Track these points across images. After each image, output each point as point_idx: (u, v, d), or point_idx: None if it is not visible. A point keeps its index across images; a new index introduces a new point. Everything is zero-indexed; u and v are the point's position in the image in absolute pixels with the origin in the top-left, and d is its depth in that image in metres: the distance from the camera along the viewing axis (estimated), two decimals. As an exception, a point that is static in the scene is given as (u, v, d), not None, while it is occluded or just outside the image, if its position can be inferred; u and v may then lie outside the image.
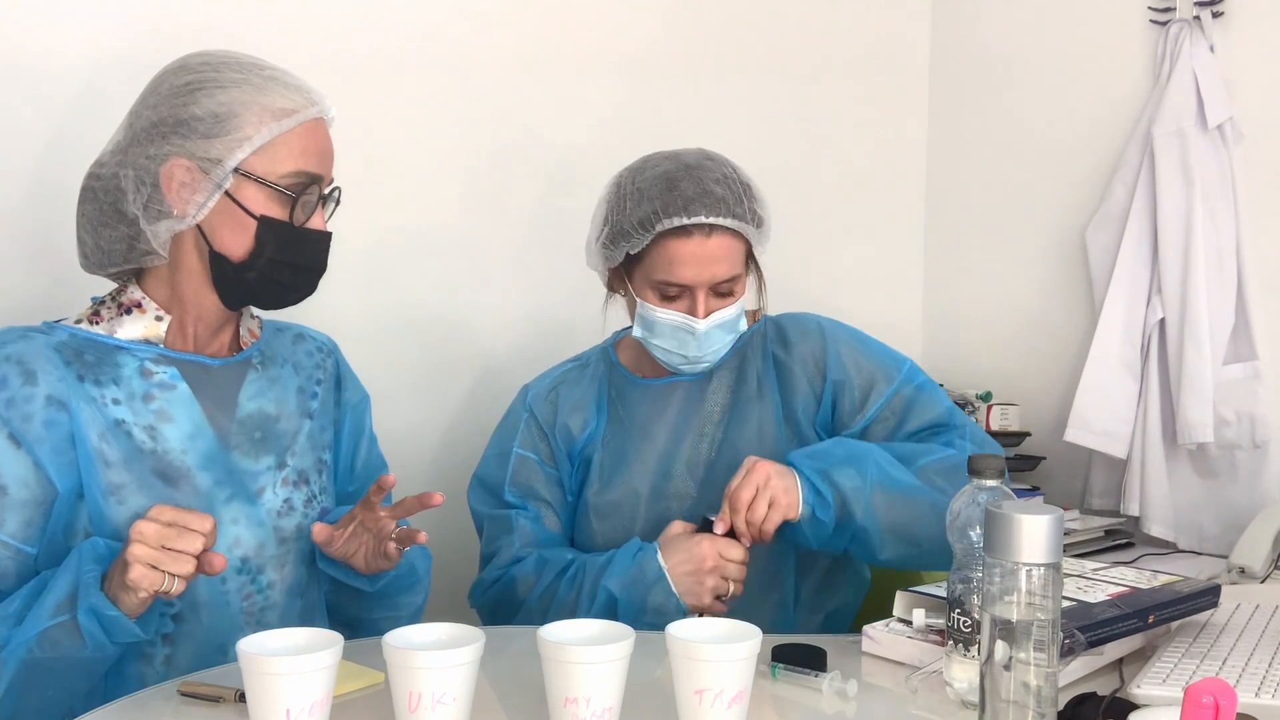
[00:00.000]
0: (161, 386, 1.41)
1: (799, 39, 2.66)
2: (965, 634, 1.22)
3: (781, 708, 1.26)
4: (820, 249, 2.64)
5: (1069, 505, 2.50)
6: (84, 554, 1.27)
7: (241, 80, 1.36)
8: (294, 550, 1.48)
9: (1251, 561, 2.06)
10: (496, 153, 2.23)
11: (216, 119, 1.35)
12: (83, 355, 1.39)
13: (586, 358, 1.84)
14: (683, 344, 1.66)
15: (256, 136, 1.35)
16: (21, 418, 1.32)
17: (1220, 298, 2.34)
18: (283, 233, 1.38)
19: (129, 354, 1.41)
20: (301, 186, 1.38)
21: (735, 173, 1.67)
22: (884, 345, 1.78)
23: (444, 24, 2.16)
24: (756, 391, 1.74)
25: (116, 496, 1.35)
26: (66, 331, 1.41)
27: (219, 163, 1.35)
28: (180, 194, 1.36)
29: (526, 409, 1.78)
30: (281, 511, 1.47)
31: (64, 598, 1.24)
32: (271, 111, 1.36)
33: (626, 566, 1.57)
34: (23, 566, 1.32)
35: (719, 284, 1.64)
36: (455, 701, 1.08)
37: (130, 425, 1.38)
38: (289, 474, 1.49)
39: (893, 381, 1.72)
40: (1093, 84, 2.59)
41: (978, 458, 1.24)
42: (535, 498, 1.73)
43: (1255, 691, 1.21)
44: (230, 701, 1.21)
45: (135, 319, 1.43)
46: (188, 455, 1.41)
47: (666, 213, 1.61)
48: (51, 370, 1.36)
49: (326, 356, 1.61)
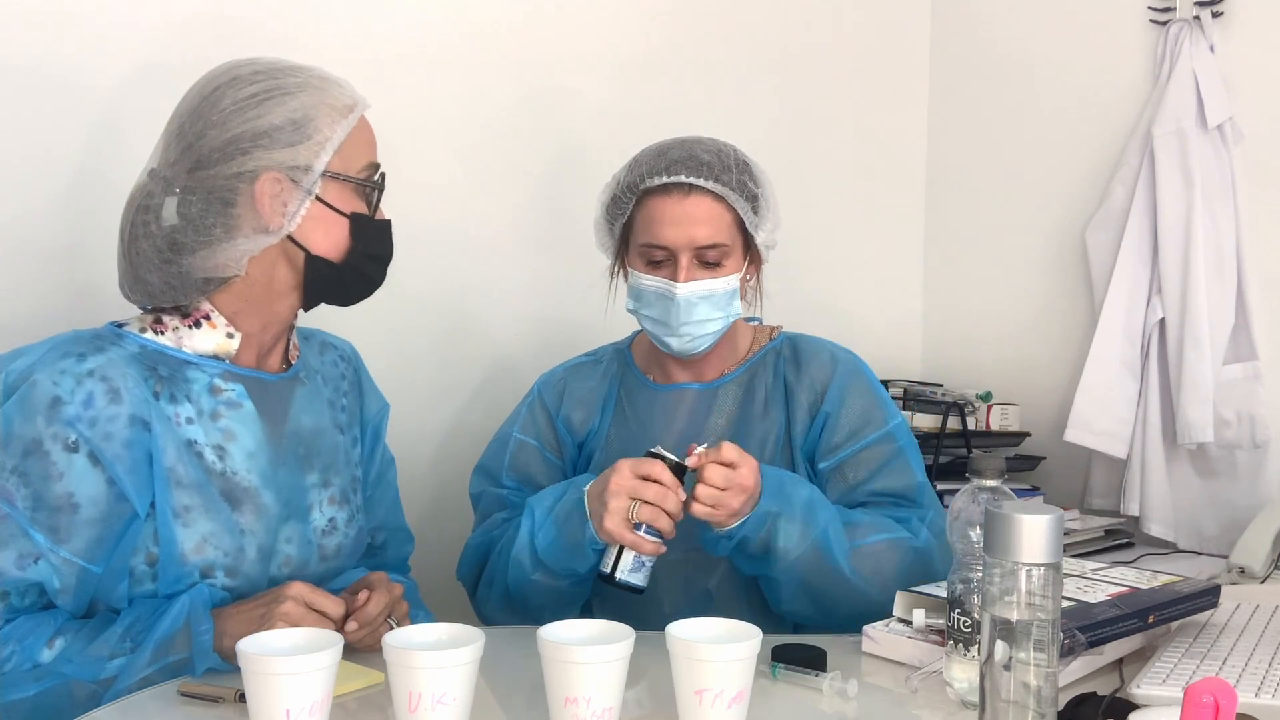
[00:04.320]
0: (229, 404, 1.39)
1: (799, 39, 2.66)
2: (965, 634, 1.22)
3: (781, 708, 1.26)
4: (820, 249, 2.64)
5: (1069, 505, 2.50)
6: (196, 605, 1.30)
7: (303, 84, 1.36)
8: (333, 569, 1.48)
9: (1251, 561, 2.06)
10: (501, 150, 2.23)
11: (296, 126, 1.34)
12: (156, 370, 1.36)
13: (601, 354, 1.84)
14: (665, 311, 1.64)
15: (335, 137, 1.36)
16: (103, 436, 1.29)
17: (1220, 298, 2.34)
18: (368, 226, 1.41)
19: (199, 369, 1.38)
20: (373, 179, 1.42)
21: (735, 151, 1.67)
22: (888, 397, 1.74)
23: (447, 22, 2.16)
24: (763, 409, 1.72)
25: (184, 519, 1.33)
26: (137, 342, 1.36)
27: (308, 170, 1.34)
28: (273, 206, 1.34)
29: (535, 394, 1.79)
30: (326, 530, 1.47)
31: (167, 657, 1.27)
32: (338, 109, 1.37)
33: (558, 491, 1.56)
34: (84, 583, 1.31)
35: (701, 250, 1.62)
36: (455, 701, 1.08)
37: (201, 446, 1.36)
38: (334, 493, 1.48)
39: (877, 430, 1.68)
40: (1093, 84, 2.59)
41: (979, 458, 1.24)
42: (532, 484, 1.72)
43: (1255, 691, 1.21)
44: (230, 701, 1.21)
45: (206, 333, 1.39)
46: (251, 475, 1.39)
47: (650, 174, 1.63)
48: (134, 388, 1.32)
49: (349, 366, 1.60)
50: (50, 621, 1.30)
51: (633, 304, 1.69)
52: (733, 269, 1.66)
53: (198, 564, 1.33)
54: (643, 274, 1.66)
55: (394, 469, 1.66)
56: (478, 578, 1.69)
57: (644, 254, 1.65)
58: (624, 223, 1.69)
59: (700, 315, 1.64)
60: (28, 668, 1.26)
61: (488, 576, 1.66)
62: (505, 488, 1.73)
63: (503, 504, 1.72)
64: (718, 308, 1.65)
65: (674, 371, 1.75)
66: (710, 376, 1.74)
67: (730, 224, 1.65)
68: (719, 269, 1.64)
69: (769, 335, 1.79)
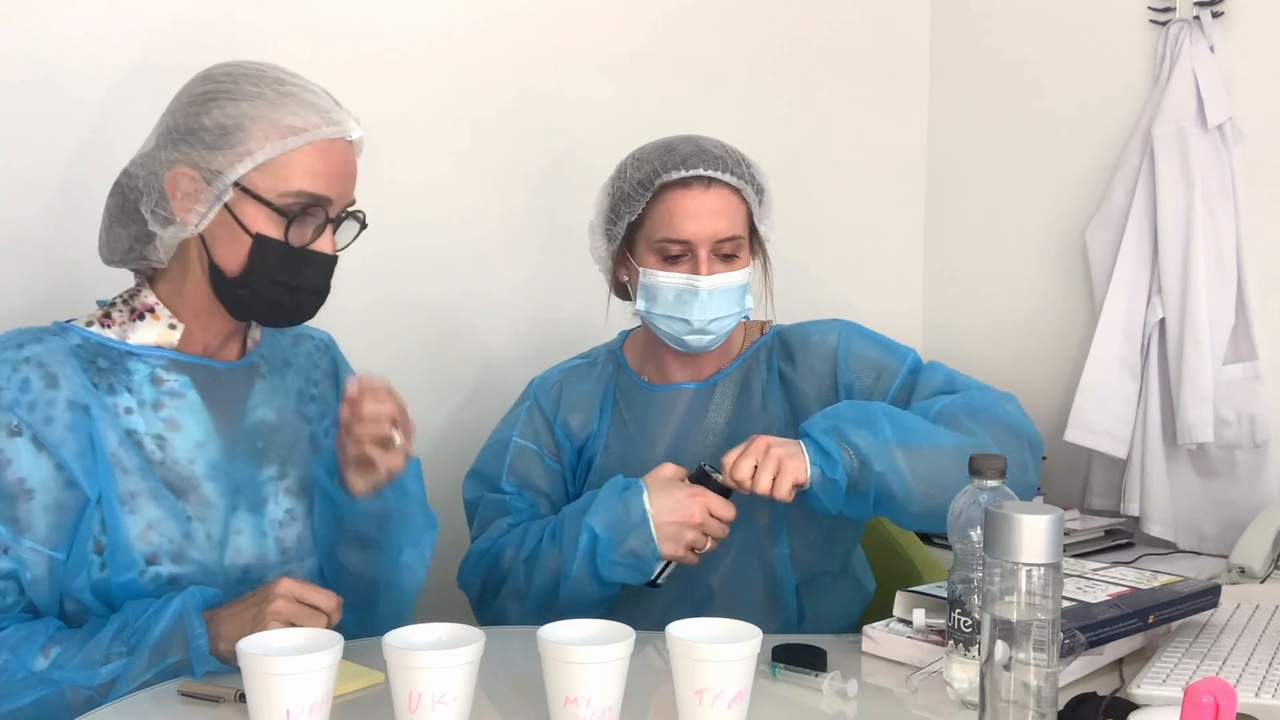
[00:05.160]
0: (172, 394, 1.41)
1: (798, 38, 2.66)
2: (965, 634, 1.22)
3: (781, 708, 1.26)
4: (820, 247, 2.63)
5: (1069, 505, 2.50)
6: (188, 609, 1.30)
7: (256, 94, 1.35)
8: (295, 560, 1.47)
9: (1251, 561, 2.06)
10: (498, 149, 2.23)
11: (223, 131, 1.34)
12: (96, 362, 1.38)
13: (594, 356, 1.82)
14: (686, 307, 1.63)
15: (259, 152, 1.34)
16: (44, 421, 1.32)
17: (1220, 298, 2.34)
18: (279, 252, 1.36)
19: (140, 360, 1.40)
20: (301, 207, 1.36)
21: (735, 148, 1.67)
22: (889, 340, 1.75)
23: (446, 22, 2.16)
24: (760, 405, 1.71)
25: (130, 505, 1.35)
26: (79, 335, 1.40)
27: (220, 175, 1.34)
28: (183, 202, 1.36)
29: (531, 398, 1.77)
30: (284, 522, 1.46)
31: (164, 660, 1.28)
32: (279, 128, 1.34)
33: (612, 505, 1.55)
34: (53, 573, 1.32)
35: (721, 243, 1.62)
36: (455, 701, 1.08)
37: (141, 435, 1.38)
38: (290, 484, 1.48)
39: (897, 375, 1.68)
40: (1093, 84, 2.59)
41: (978, 458, 1.24)
42: (533, 489, 1.72)
43: (1255, 691, 1.21)
44: (230, 701, 1.21)
45: (149, 325, 1.42)
46: (195, 465, 1.40)
47: (665, 168, 1.62)
48: (72, 375, 1.35)
49: (323, 354, 1.60)
50: (42, 629, 1.31)
51: (645, 304, 1.66)
52: (745, 262, 1.66)
53: (143, 551, 1.34)
54: (659, 271, 1.64)
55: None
56: (483, 584, 1.67)
57: (661, 250, 1.63)
58: (632, 222, 1.66)
59: (721, 310, 1.64)
60: (23, 676, 1.27)
61: (512, 589, 1.62)
62: (505, 493, 1.71)
63: (504, 509, 1.70)
64: (735, 302, 1.65)
65: (671, 371, 1.74)
66: (707, 374, 1.74)
67: (744, 217, 1.66)
68: (735, 261, 1.64)
69: (760, 330, 1.78)
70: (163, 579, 1.35)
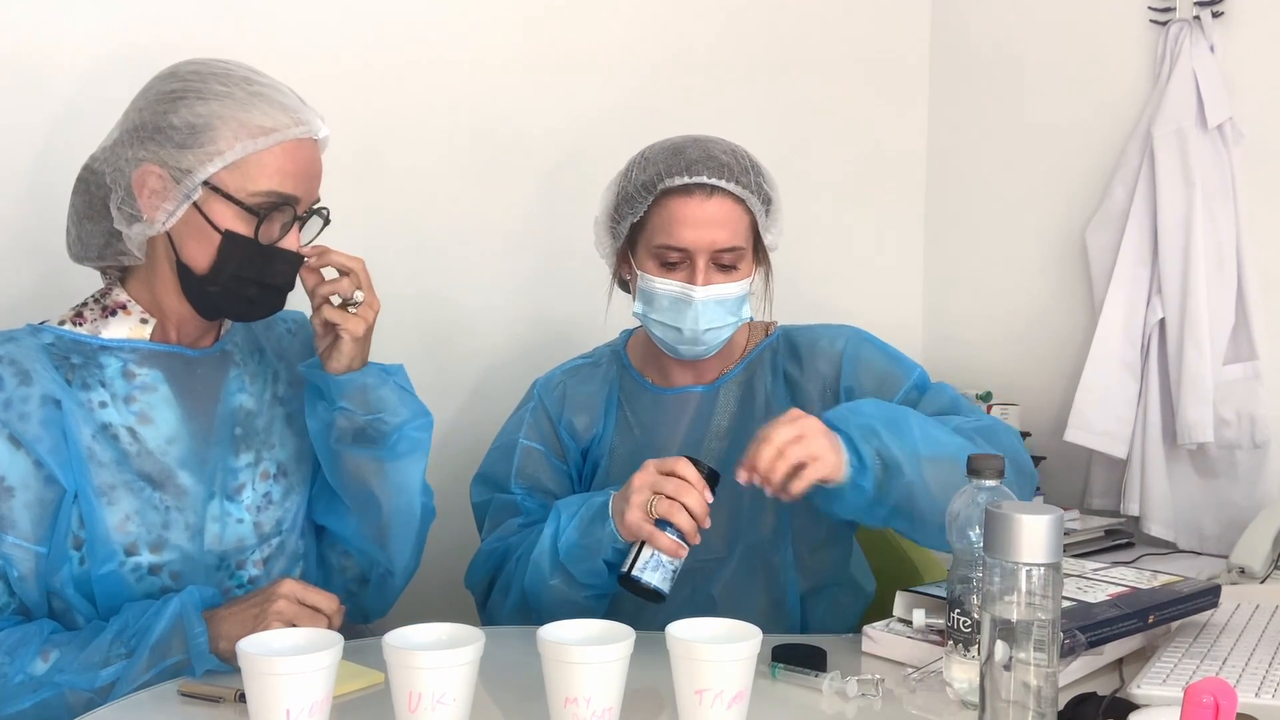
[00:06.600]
0: (144, 388, 1.42)
1: (798, 38, 2.66)
2: (965, 634, 1.22)
3: (781, 708, 1.26)
4: (820, 249, 2.64)
5: (1069, 505, 2.50)
6: (188, 608, 1.31)
7: (225, 94, 1.35)
8: (275, 544, 1.48)
9: (1251, 561, 2.06)
10: (498, 150, 2.23)
11: (192, 130, 1.34)
12: (69, 358, 1.40)
13: (598, 356, 1.81)
14: (679, 315, 1.61)
15: (229, 152, 1.34)
16: (19, 417, 1.33)
17: (1220, 298, 2.34)
18: (248, 249, 1.37)
19: (112, 354, 1.42)
20: (270, 206, 1.37)
21: (747, 153, 1.65)
22: (897, 353, 1.72)
23: (443, 22, 2.16)
24: (765, 406, 1.69)
25: (108, 497, 1.36)
26: (52, 333, 1.41)
27: (189, 173, 1.34)
28: (151, 200, 1.36)
29: (535, 399, 1.76)
30: (261, 506, 1.47)
31: (164, 660, 1.28)
32: (249, 128, 1.35)
33: (585, 497, 1.53)
34: (38, 568, 1.34)
35: (720, 253, 1.60)
36: (455, 701, 1.08)
37: (116, 428, 1.39)
38: (267, 466, 1.49)
39: (900, 385, 1.65)
40: (1093, 84, 2.58)
41: (977, 458, 1.24)
42: (542, 490, 1.70)
43: (1255, 691, 1.21)
44: (230, 701, 1.21)
45: (120, 320, 1.44)
46: (168, 456, 1.41)
47: (669, 173, 1.59)
48: (44, 371, 1.36)
49: (296, 334, 1.61)
50: (37, 632, 1.32)
51: (642, 308, 1.65)
52: (746, 273, 1.63)
53: (121, 541, 1.36)
54: (656, 277, 1.62)
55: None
56: (489, 585, 1.65)
57: (659, 255, 1.61)
58: (634, 223, 1.64)
59: (715, 320, 1.61)
60: (21, 680, 1.28)
61: (503, 582, 1.61)
62: (514, 494, 1.70)
63: (515, 510, 1.68)
64: (730, 312, 1.63)
65: (674, 373, 1.73)
66: (711, 377, 1.73)
67: (747, 227, 1.63)
68: (734, 272, 1.62)
69: (764, 331, 1.77)
70: (143, 569, 1.37)
